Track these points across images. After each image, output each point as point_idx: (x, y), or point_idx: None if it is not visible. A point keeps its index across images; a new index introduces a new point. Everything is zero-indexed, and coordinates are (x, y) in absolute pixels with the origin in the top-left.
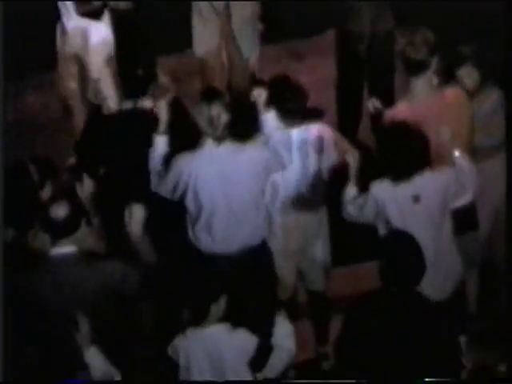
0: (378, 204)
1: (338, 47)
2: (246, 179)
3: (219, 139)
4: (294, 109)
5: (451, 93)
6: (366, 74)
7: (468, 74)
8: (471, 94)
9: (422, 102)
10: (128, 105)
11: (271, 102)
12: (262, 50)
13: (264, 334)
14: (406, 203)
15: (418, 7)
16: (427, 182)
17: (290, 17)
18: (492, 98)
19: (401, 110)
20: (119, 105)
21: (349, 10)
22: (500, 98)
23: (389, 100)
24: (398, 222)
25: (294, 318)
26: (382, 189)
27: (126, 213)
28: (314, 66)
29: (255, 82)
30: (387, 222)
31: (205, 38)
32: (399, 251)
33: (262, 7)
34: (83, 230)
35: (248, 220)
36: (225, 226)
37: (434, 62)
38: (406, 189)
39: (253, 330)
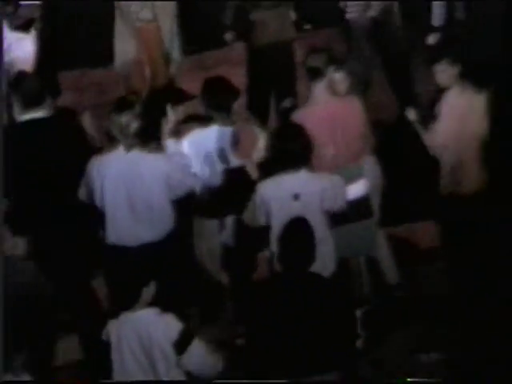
0: (264, 202)
1: (247, 57)
2: (148, 183)
3: (129, 146)
4: (228, 106)
5: (348, 99)
6: (273, 82)
7: (443, 71)
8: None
9: (322, 106)
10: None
11: (205, 101)
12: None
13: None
14: (286, 200)
15: None
16: (307, 183)
17: (203, 29)
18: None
19: (303, 114)
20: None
21: (255, 23)
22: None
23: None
24: (278, 218)
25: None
26: (266, 188)
27: None
28: (226, 75)
29: (175, 93)
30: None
31: (127, 49)
32: (294, 237)
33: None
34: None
35: (149, 219)
36: (126, 224)
37: (332, 70)
38: (287, 187)
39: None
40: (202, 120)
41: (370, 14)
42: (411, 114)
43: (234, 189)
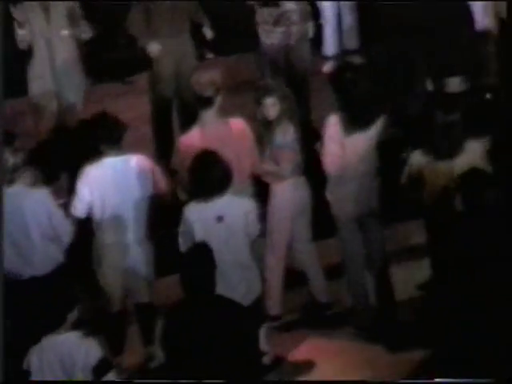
0: (189, 224)
1: (150, 88)
2: (28, 218)
3: (9, 181)
4: (117, 138)
5: (235, 123)
6: (175, 110)
7: (272, 105)
8: (270, 124)
9: (210, 130)
10: None
11: (94, 135)
12: (88, 90)
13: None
14: (210, 223)
15: None
16: (231, 206)
17: (108, 59)
18: (288, 131)
19: (192, 137)
20: None
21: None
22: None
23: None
24: (202, 240)
25: (124, 326)
26: (191, 211)
27: None
28: (132, 104)
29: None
30: (192, 239)
31: (37, 81)
32: (195, 263)
33: (84, 50)
34: None
35: (30, 254)
36: (14, 258)
37: (220, 98)
38: (211, 210)
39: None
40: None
41: (289, 41)
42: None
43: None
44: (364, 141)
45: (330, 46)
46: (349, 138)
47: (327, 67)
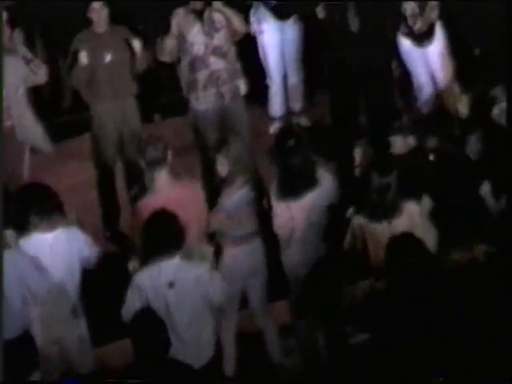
0: (141, 291)
1: (93, 151)
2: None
3: None
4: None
5: (187, 184)
6: (120, 173)
7: (221, 164)
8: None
9: (163, 192)
10: None
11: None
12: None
13: None
14: (162, 289)
15: None
16: (181, 270)
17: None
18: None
19: (147, 202)
20: None
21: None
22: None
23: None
24: (155, 305)
25: None
26: (143, 277)
27: None
28: (79, 168)
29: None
30: (144, 305)
31: None
32: (145, 329)
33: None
34: None
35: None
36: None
37: (170, 159)
38: (162, 276)
39: None
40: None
41: (223, 102)
42: None
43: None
44: (309, 204)
45: (276, 108)
46: (294, 202)
47: (274, 128)
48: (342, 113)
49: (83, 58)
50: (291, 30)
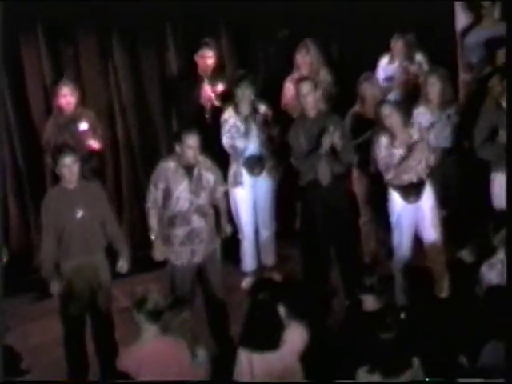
0: None
1: (62, 309)
2: None
3: None
4: None
5: (174, 342)
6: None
7: None
8: None
9: (149, 345)
10: None
11: None
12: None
13: None
14: None
15: None
16: None
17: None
18: None
19: (134, 348)
20: None
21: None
22: None
23: None
24: None
25: None
26: None
27: None
28: (46, 326)
29: None
30: None
31: None
32: None
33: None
34: None
35: None
36: None
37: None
38: None
39: None
40: None
41: (195, 259)
42: None
43: None
44: (273, 362)
45: (248, 262)
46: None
47: (246, 283)
48: (313, 267)
49: (55, 286)
50: (264, 184)
